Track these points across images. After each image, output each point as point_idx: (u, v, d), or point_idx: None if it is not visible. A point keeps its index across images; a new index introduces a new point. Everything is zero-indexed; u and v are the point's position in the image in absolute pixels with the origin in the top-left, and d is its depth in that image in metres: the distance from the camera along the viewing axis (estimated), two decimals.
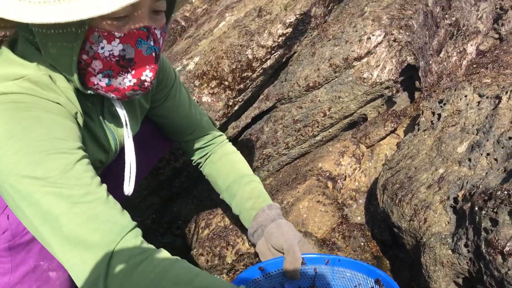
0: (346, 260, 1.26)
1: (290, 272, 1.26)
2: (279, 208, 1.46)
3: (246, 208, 1.46)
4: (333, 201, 1.82)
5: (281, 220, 1.40)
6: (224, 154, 1.60)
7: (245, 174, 1.54)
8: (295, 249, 1.28)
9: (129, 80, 0.99)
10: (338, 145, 2.03)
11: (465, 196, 1.31)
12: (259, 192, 1.49)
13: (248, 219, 1.45)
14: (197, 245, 1.98)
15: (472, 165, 1.39)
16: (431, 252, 1.30)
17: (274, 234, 1.34)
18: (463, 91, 1.63)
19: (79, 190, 0.91)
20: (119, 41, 0.94)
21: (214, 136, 1.60)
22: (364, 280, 1.20)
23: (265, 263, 1.28)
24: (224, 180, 1.55)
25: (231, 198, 1.53)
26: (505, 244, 1.10)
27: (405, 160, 1.63)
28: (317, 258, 1.29)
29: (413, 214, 1.42)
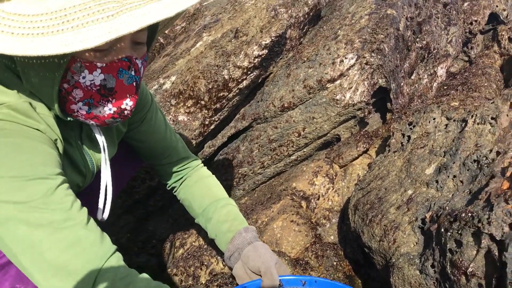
0: (323, 281, 1.27)
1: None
2: (255, 230, 1.47)
3: (222, 231, 1.46)
4: (306, 220, 1.84)
5: (257, 243, 1.41)
6: (200, 178, 1.60)
7: (221, 198, 1.55)
8: (273, 271, 1.29)
9: (109, 108, 1.00)
10: (312, 165, 2.06)
11: (432, 217, 1.34)
12: (235, 215, 1.50)
13: (225, 242, 1.45)
14: (172, 265, 1.98)
15: (440, 186, 1.43)
16: (400, 273, 1.33)
17: (251, 256, 1.35)
18: (432, 114, 1.68)
19: (61, 215, 0.92)
20: (101, 71, 0.95)
21: (189, 160, 1.61)
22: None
23: (243, 286, 1.29)
24: (199, 203, 1.55)
25: (206, 221, 1.53)
26: (468, 265, 1.13)
27: (375, 181, 1.66)
28: (294, 280, 1.30)
29: (383, 234, 1.45)
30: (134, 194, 2.38)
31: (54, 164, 0.96)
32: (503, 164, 1.30)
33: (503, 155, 1.33)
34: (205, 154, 2.36)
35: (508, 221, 1.11)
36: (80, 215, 0.95)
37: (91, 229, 0.96)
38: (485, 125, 1.46)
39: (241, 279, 1.38)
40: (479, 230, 1.14)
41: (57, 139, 1.02)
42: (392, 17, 2.11)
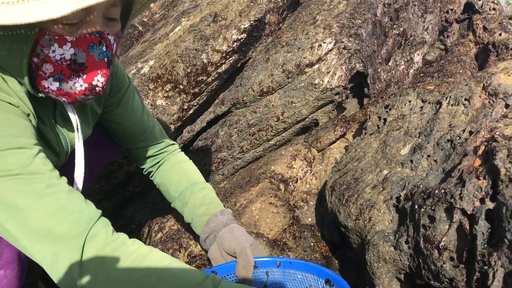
0: (297, 262, 1.28)
1: (242, 276, 1.26)
2: (231, 213, 1.47)
3: (198, 214, 1.46)
4: (284, 203, 1.86)
5: (233, 225, 1.41)
6: (177, 162, 1.59)
7: (197, 182, 1.54)
8: (247, 252, 1.29)
9: (80, 84, 0.99)
10: (291, 149, 2.07)
11: (407, 196, 1.37)
12: (211, 198, 1.49)
13: (200, 225, 1.45)
14: None
15: (414, 166, 1.46)
16: (375, 249, 1.36)
17: (226, 238, 1.35)
18: (407, 97, 1.71)
19: (41, 183, 0.92)
20: (71, 45, 0.94)
21: (166, 145, 1.60)
22: (315, 281, 1.22)
23: (218, 267, 1.28)
24: (176, 187, 1.54)
25: (183, 205, 1.52)
26: (440, 239, 1.16)
27: (352, 162, 1.69)
28: (269, 261, 1.30)
29: (359, 213, 1.47)
30: (112, 180, 2.36)
31: (30, 135, 0.95)
32: (475, 143, 1.34)
33: (476, 134, 1.36)
34: (184, 139, 2.35)
35: (479, 196, 1.14)
36: (61, 182, 0.96)
37: (74, 195, 0.96)
38: (458, 106, 1.49)
39: (216, 261, 1.37)
40: (452, 206, 1.17)
41: (30, 114, 1.01)
42: (369, 2, 2.13)
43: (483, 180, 1.16)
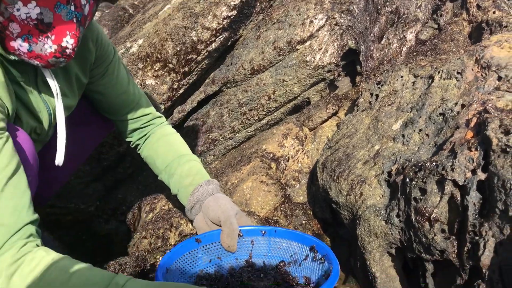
0: (282, 230, 1.27)
1: (227, 243, 1.26)
2: (217, 184, 1.45)
3: (184, 185, 1.44)
4: (276, 181, 1.84)
5: (218, 194, 1.39)
6: (164, 135, 1.57)
7: (184, 154, 1.52)
8: (232, 220, 1.28)
9: (49, 46, 0.97)
10: (282, 128, 2.05)
11: (398, 170, 1.35)
12: (197, 170, 1.48)
13: (186, 196, 1.43)
14: (141, 228, 1.95)
15: (406, 141, 1.44)
16: (366, 224, 1.35)
17: (211, 207, 1.34)
18: (400, 72, 1.69)
19: None
20: (36, 3, 0.91)
21: (153, 117, 1.57)
22: (300, 248, 1.21)
23: (202, 235, 1.28)
24: (163, 160, 1.53)
25: (169, 177, 1.50)
26: (432, 211, 1.15)
27: (343, 139, 1.67)
28: (254, 230, 1.30)
29: (350, 189, 1.45)
30: (103, 161, 2.33)
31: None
32: (467, 116, 1.32)
33: (468, 107, 1.34)
34: (175, 120, 2.32)
35: (470, 167, 1.13)
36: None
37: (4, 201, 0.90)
38: (450, 80, 1.47)
39: (202, 230, 1.36)
40: (443, 177, 1.15)
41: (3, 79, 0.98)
42: None
43: (474, 151, 1.15)
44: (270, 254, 1.28)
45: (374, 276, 1.35)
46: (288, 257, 1.25)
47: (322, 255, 1.13)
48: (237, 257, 1.29)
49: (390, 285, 1.33)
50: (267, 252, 1.28)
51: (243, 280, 1.17)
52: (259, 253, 1.29)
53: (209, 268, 1.27)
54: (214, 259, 1.28)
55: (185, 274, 1.21)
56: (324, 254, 1.11)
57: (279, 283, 1.15)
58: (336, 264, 1.04)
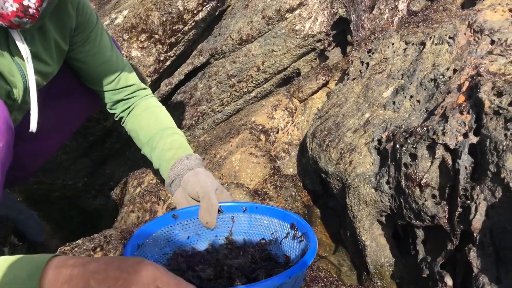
0: (263, 206, 1.22)
1: (205, 220, 1.20)
2: (199, 158, 1.40)
3: (165, 159, 1.39)
4: (265, 153, 1.81)
5: (199, 169, 1.33)
6: (148, 107, 1.51)
7: (167, 127, 1.47)
8: (211, 196, 1.22)
9: (10, 4, 0.92)
10: (272, 99, 2.01)
11: (388, 137, 1.32)
12: (180, 143, 1.42)
13: (167, 170, 1.38)
14: (128, 202, 1.92)
15: (396, 107, 1.41)
16: (355, 192, 1.32)
17: (190, 182, 1.28)
18: (391, 40, 1.64)
19: None
20: None
21: (137, 88, 1.52)
22: (281, 226, 1.16)
23: (179, 211, 1.22)
24: (146, 133, 1.47)
25: (151, 151, 1.45)
26: (422, 176, 1.12)
27: (333, 108, 1.63)
28: (235, 206, 1.24)
29: (339, 157, 1.42)
30: (89, 136, 2.28)
31: None
32: (459, 80, 1.29)
33: (460, 72, 1.31)
34: (162, 93, 2.27)
35: (462, 131, 1.10)
36: None
37: None
38: (442, 45, 1.43)
39: (181, 205, 1.30)
40: (434, 142, 1.12)
41: None
42: None
43: (466, 114, 1.12)
44: (251, 231, 1.23)
45: (364, 245, 1.33)
46: (269, 234, 1.20)
47: (301, 233, 1.08)
48: (216, 234, 1.25)
49: (380, 254, 1.31)
50: (248, 229, 1.24)
51: (219, 258, 1.13)
52: (239, 230, 1.24)
53: (186, 245, 1.23)
54: (192, 236, 1.23)
55: (160, 251, 1.17)
56: (304, 232, 1.06)
57: (257, 261, 1.11)
58: (313, 243, 0.98)
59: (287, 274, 0.86)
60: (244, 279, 1.01)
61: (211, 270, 1.04)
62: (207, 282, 1.00)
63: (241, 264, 1.06)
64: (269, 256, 1.15)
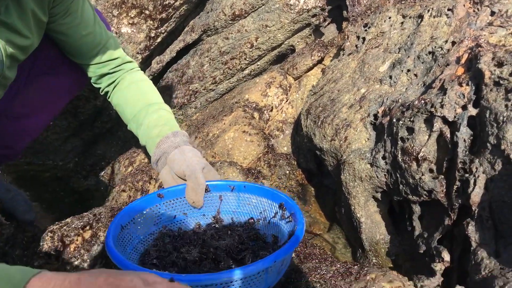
0: (252, 185, 1.18)
1: (192, 199, 1.17)
2: (185, 135, 1.35)
3: (151, 136, 1.34)
4: (259, 131, 1.77)
5: (185, 147, 1.28)
6: (134, 81, 1.46)
7: (154, 102, 1.41)
8: (198, 175, 1.18)
9: None
10: (265, 77, 1.97)
11: (385, 112, 1.29)
12: (166, 120, 1.37)
13: (153, 148, 1.33)
14: (119, 182, 1.89)
15: (393, 82, 1.37)
16: (350, 168, 1.29)
17: (176, 160, 1.23)
18: (387, 13, 1.60)
19: None
20: None
21: (122, 62, 1.46)
22: (269, 205, 1.13)
23: (165, 190, 1.18)
24: (131, 108, 1.42)
25: (137, 127, 1.39)
26: (420, 150, 1.09)
27: (329, 84, 1.59)
28: (222, 185, 1.21)
29: (334, 133, 1.39)
30: (79, 115, 2.24)
31: None
32: (458, 53, 1.25)
33: (459, 44, 1.27)
34: (153, 71, 2.22)
35: (460, 103, 1.06)
36: None
37: None
38: (441, 17, 1.39)
39: (168, 184, 1.26)
40: (432, 115, 1.09)
41: None
42: None
43: (465, 86, 1.08)
44: (239, 210, 1.20)
45: (359, 222, 1.30)
46: (257, 214, 1.17)
47: (289, 213, 1.05)
48: (204, 213, 1.21)
49: (375, 231, 1.29)
50: (236, 208, 1.20)
51: (205, 239, 1.10)
52: (227, 210, 1.21)
53: (173, 224, 1.19)
54: (179, 215, 1.20)
55: (145, 231, 1.14)
56: (292, 213, 1.03)
57: (244, 241, 1.08)
58: (300, 224, 0.95)
59: (272, 258, 0.83)
60: (230, 260, 0.99)
61: (196, 251, 1.01)
62: (192, 264, 0.97)
63: (227, 245, 1.03)
64: (257, 235, 1.12)
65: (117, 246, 0.96)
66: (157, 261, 1.00)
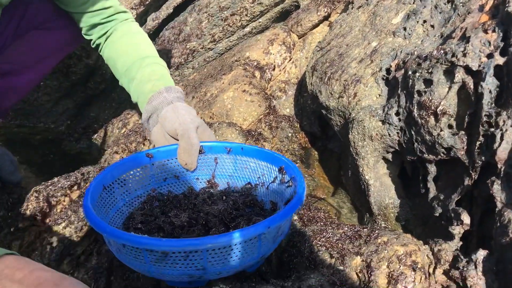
0: (250, 148, 1.08)
1: (184, 160, 1.07)
2: (181, 91, 1.24)
3: (144, 92, 1.22)
4: (260, 91, 1.66)
5: (179, 103, 1.18)
6: (127, 32, 1.34)
7: (147, 55, 1.30)
8: (191, 134, 1.07)
9: None
10: (268, 33, 1.85)
11: (399, 65, 1.18)
12: (160, 75, 1.26)
13: (144, 104, 1.22)
14: (112, 143, 1.79)
15: (407, 34, 1.26)
16: (360, 126, 1.19)
17: (168, 118, 1.13)
18: None
19: None
20: None
21: (115, 11, 1.34)
22: (268, 169, 1.03)
23: (155, 150, 1.08)
24: (123, 62, 1.30)
25: (129, 82, 1.28)
26: (439, 103, 0.99)
27: (336, 39, 1.48)
28: (218, 146, 1.11)
29: (342, 90, 1.28)
30: (71, 75, 2.12)
31: None
32: (481, 1, 1.13)
33: None
34: (149, 28, 2.10)
35: (486, 51, 0.95)
36: None
37: None
38: None
39: (159, 144, 1.16)
40: (453, 65, 0.98)
41: None
42: None
43: (492, 33, 0.97)
44: (235, 174, 1.10)
45: (367, 185, 1.21)
46: (255, 178, 1.07)
47: (290, 177, 0.95)
48: (198, 177, 1.12)
49: (384, 195, 1.20)
50: (233, 172, 1.10)
51: (196, 203, 1.00)
52: (223, 173, 1.11)
53: (162, 188, 1.10)
54: (170, 178, 1.10)
55: (132, 193, 1.05)
56: (292, 176, 0.93)
57: (239, 207, 0.98)
58: (301, 188, 0.84)
59: (266, 224, 0.73)
60: (223, 227, 0.89)
61: (185, 216, 0.91)
62: (180, 229, 0.87)
63: (220, 210, 0.93)
64: (254, 202, 1.02)
65: (97, 207, 0.87)
66: (141, 225, 0.91)
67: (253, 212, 0.97)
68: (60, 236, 1.14)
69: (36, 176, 1.94)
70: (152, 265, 0.74)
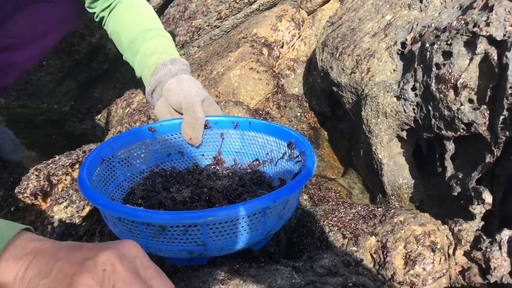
0: (258, 122, 1.03)
1: (188, 135, 1.03)
2: (185, 64, 1.20)
3: (147, 65, 1.19)
4: (268, 68, 1.60)
5: (184, 75, 1.13)
6: (131, 4, 1.29)
7: (152, 28, 1.25)
8: (196, 108, 1.03)
9: None
10: (276, 10, 1.78)
11: (415, 38, 1.12)
12: (165, 47, 1.22)
13: (148, 77, 1.19)
14: (116, 123, 1.74)
15: (424, 6, 1.19)
16: (373, 103, 1.13)
17: (172, 90, 1.09)
18: None
19: None
20: None
21: None
22: (277, 145, 0.99)
23: (158, 124, 1.04)
24: (127, 35, 1.25)
25: (133, 55, 1.24)
26: (459, 76, 0.93)
27: (348, 13, 1.42)
28: (224, 121, 1.06)
29: (355, 66, 1.23)
30: (74, 54, 2.08)
31: None
32: None
33: None
34: (153, 6, 2.04)
35: (511, 20, 0.89)
36: None
37: None
38: None
39: (163, 118, 1.13)
40: (475, 35, 0.92)
41: None
42: None
43: None
44: (243, 151, 1.06)
45: (380, 163, 1.16)
46: (263, 154, 1.03)
47: (299, 151, 0.90)
48: (203, 153, 1.07)
49: (398, 174, 1.15)
50: (240, 148, 1.06)
51: (200, 179, 0.96)
52: (230, 149, 1.07)
53: (166, 163, 1.06)
54: (174, 154, 1.06)
55: (133, 168, 1.00)
56: (302, 151, 0.88)
57: (245, 184, 0.94)
58: (310, 162, 0.79)
59: (272, 197, 0.68)
60: (227, 203, 0.84)
61: (188, 191, 0.87)
62: (182, 205, 0.83)
63: (224, 186, 0.88)
64: (262, 179, 0.98)
65: (94, 180, 0.83)
66: (142, 201, 0.87)
67: (260, 189, 0.93)
68: (61, 215, 1.10)
69: (39, 156, 1.90)
70: (149, 240, 0.69)
